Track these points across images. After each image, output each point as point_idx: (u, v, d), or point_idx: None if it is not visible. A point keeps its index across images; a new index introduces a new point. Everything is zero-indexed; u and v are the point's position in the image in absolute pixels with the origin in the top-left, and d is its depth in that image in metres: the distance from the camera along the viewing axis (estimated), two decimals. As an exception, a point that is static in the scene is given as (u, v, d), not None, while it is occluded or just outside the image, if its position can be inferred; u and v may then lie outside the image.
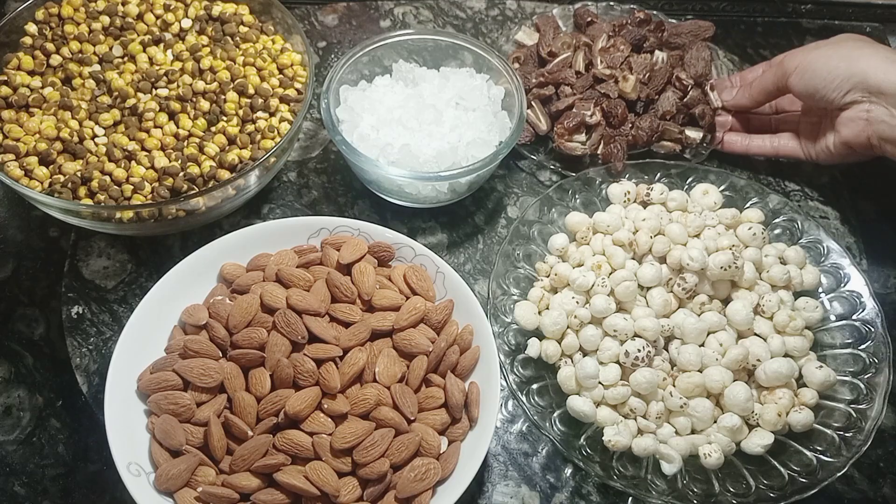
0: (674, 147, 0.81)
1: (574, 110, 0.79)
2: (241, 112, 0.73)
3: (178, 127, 0.71)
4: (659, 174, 0.76)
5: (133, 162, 0.69)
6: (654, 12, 0.90)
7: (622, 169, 0.76)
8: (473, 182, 0.75)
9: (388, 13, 0.94)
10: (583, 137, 0.79)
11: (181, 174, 0.68)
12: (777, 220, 0.74)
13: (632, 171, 0.77)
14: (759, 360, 0.64)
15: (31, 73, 0.73)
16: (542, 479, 0.64)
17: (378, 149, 0.72)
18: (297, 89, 0.76)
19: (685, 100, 0.81)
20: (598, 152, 0.79)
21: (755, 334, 0.66)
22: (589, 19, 0.89)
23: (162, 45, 0.76)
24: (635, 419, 0.63)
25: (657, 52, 0.84)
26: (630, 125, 0.80)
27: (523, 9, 0.95)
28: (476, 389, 0.60)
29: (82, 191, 0.67)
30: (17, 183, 0.65)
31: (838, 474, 0.60)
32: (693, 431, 0.63)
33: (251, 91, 0.74)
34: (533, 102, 0.81)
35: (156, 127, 0.71)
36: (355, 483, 0.56)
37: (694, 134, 0.81)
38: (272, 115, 0.74)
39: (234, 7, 0.80)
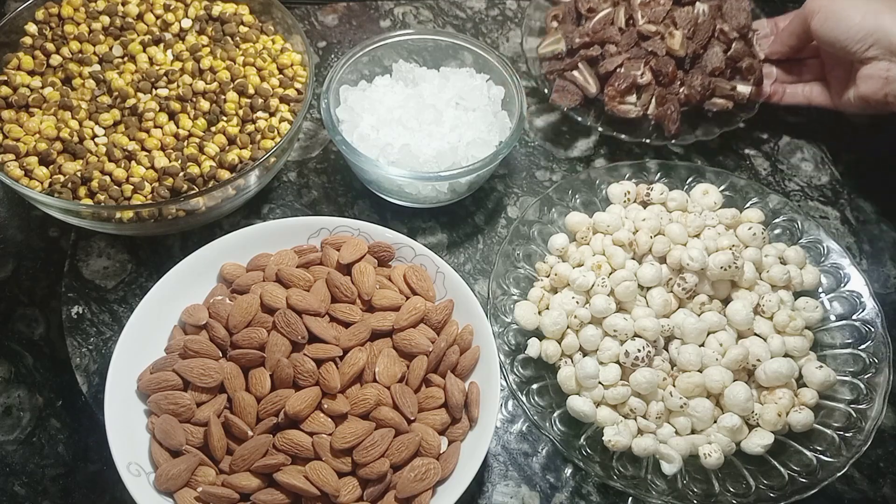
0: (726, 104, 0.78)
1: (623, 70, 0.77)
2: (241, 112, 0.73)
3: (178, 127, 0.71)
4: (659, 174, 0.77)
5: (133, 162, 0.69)
6: None
7: (676, 132, 0.76)
8: (473, 182, 0.75)
9: (388, 13, 0.94)
10: (634, 99, 0.78)
11: (181, 174, 0.68)
12: (777, 220, 0.74)
13: (630, 170, 0.76)
14: (759, 360, 0.64)
15: (31, 73, 0.73)
16: (542, 479, 0.64)
17: (378, 149, 0.72)
18: (297, 89, 0.76)
19: (729, 53, 0.79)
20: (650, 113, 0.78)
21: (755, 334, 0.66)
22: None
23: (162, 45, 0.76)
24: (635, 419, 0.63)
25: (698, 3, 0.81)
26: (679, 83, 0.78)
27: (523, 9, 0.95)
28: (476, 389, 0.60)
29: (82, 191, 0.67)
30: (17, 183, 0.65)
31: (838, 474, 0.60)
32: (693, 431, 0.63)
33: (251, 91, 0.74)
34: (580, 64, 0.78)
35: (156, 127, 0.71)
36: (355, 483, 0.56)
37: (744, 89, 0.79)
38: (272, 115, 0.74)
39: (234, 7, 0.80)
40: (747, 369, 0.65)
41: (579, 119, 0.79)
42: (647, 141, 0.79)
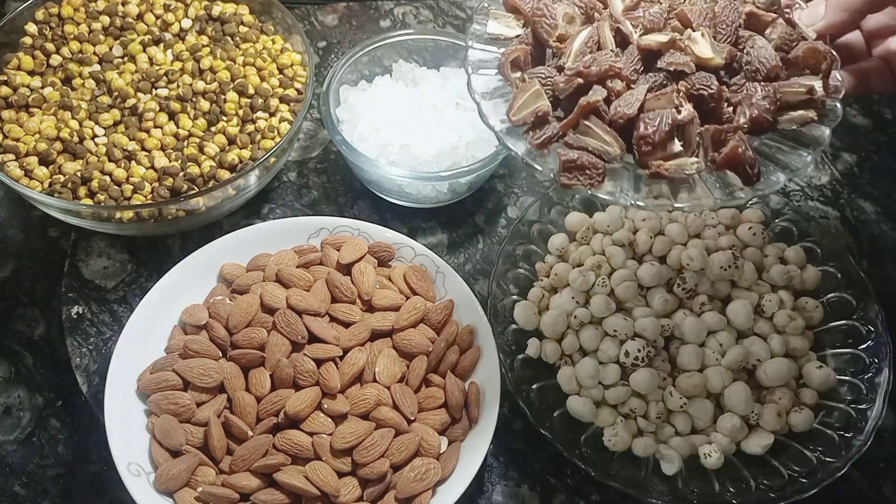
0: (808, 116, 0.53)
1: (650, 112, 0.51)
2: (241, 112, 0.73)
3: (178, 127, 0.71)
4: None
5: (133, 162, 0.69)
6: None
7: (758, 175, 0.51)
8: (473, 182, 0.75)
9: (388, 13, 0.94)
10: (678, 145, 0.52)
11: (181, 174, 0.68)
12: (777, 221, 0.74)
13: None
14: (759, 361, 0.64)
15: (31, 73, 0.73)
16: (542, 479, 0.64)
17: (378, 149, 0.72)
18: (297, 89, 0.76)
19: (774, 42, 0.55)
20: (711, 160, 0.52)
21: (755, 334, 0.66)
22: None
23: (162, 45, 0.76)
24: (635, 419, 0.63)
25: None
26: (728, 104, 0.53)
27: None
28: (476, 389, 0.60)
29: (82, 191, 0.67)
30: (17, 183, 0.65)
31: (838, 474, 0.60)
32: (693, 431, 0.63)
33: (251, 91, 0.74)
34: (587, 122, 0.52)
35: (156, 127, 0.71)
36: (355, 483, 0.56)
37: (818, 85, 0.53)
38: (272, 115, 0.74)
39: (234, 7, 0.80)
40: (747, 369, 0.65)
41: (611, 198, 0.52)
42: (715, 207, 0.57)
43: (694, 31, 0.54)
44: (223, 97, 0.73)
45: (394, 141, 0.73)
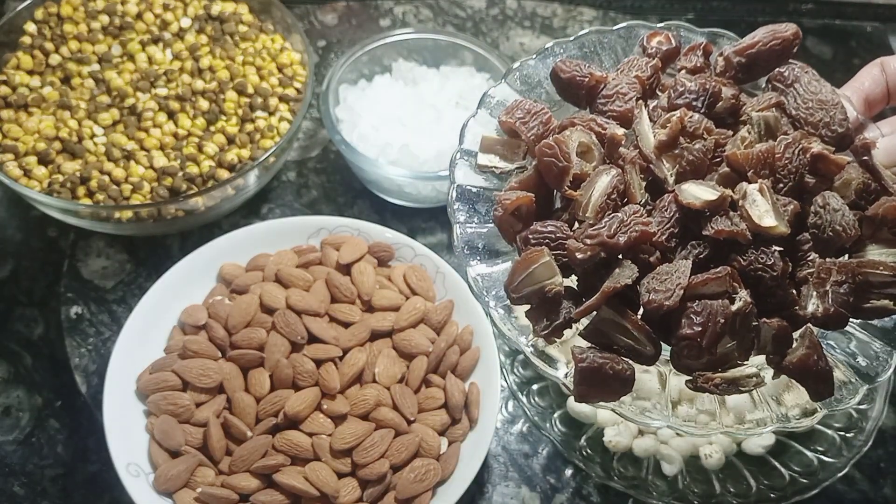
0: (890, 306, 0.41)
1: (695, 303, 0.39)
2: (240, 111, 0.73)
3: (177, 126, 0.71)
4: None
5: (132, 161, 0.69)
6: (676, 23, 0.51)
7: (832, 386, 0.41)
8: (473, 182, 0.74)
9: (388, 12, 0.94)
10: (729, 344, 0.40)
11: (180, 174, 0.68)
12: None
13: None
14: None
15: (30, 73, 0.73)
16: (543, 479, 0.64)
17: (378, 148, 0.72)
18: (296, 88, 0.76)
19: (852, 198, 0.42)
20: (779, 365, 0.41)
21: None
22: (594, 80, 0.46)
23: (161, 44, 0.76)
24: (636, 419, 0.63)
25: (746, 105, 0.45)
26: (790, 279, 0.42)
27: (523, 8, 0.95)
28: (476, 390, 0.60)
29: (81, 190, 0.67)
30: (15, 183, 0.65)
31: (839, 475, 0.60)
32: (694, 432, 0.63)
33: (250, 90, 0.73)
34: (611, 309, 0.40)
35: (155, 126, 0.71)
36: (355, 484, 0.56)
37: None
38: (271, 114, 0.74)
39: (234, 6, 0.80)
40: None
41: (640, 418, 0.43)
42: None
43: (750, 182, 0.41)
44: (222, 96, 0.73)
45: (393, 141, 0.73)
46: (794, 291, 0.41)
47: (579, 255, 0.39)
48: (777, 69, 0.46)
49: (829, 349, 0.43)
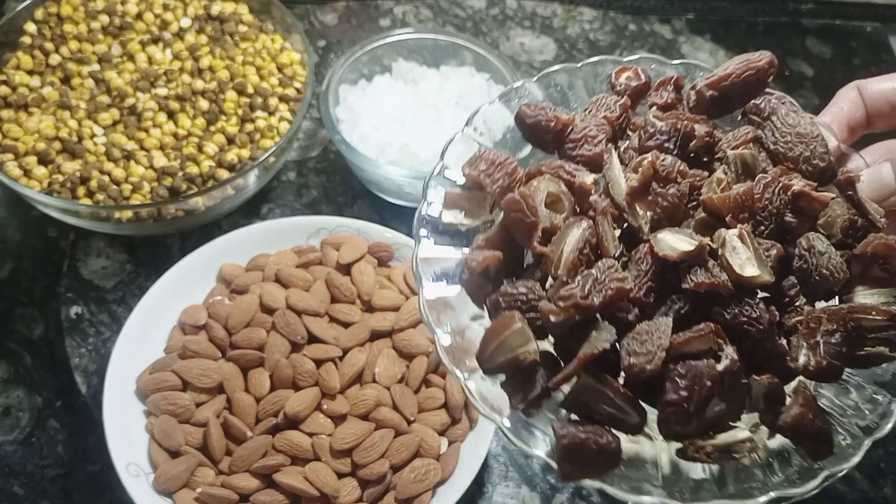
0: (888, 353, 0.39)
1: (678, 365, 0.37)
2: (240, 111, 0.73)
3: (177, 126, 0.71)
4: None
5: (132, 161, 0.69)
6: (646, 56, 0.48)
7: (831, 444, 0.42)
8: (473, 182, 0.74)
9: (388, 12, 0.94)
10: (718, 406, 0.38)
11: (180, 174, 0.68)
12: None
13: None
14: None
15: (30, 73, 0.73)
16: (543, 480, 0.64)
17: (378, 148, 0.72)
18: (296, 88, 0.76)
19: (836, 238, 0.40)
20: (773, 425, 0.40)
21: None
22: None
23: (161, 44, 0.76)
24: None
25: (728, 153, 0.41)
26: (781, 332, 0.39)
27: (523, 8, 0.95)
28: (476, 390, 0.60)
29: (81, 190, 0.67)
30: (15, 182, 0.65)
31: (839, 474, 0.60)
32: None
33: (250, 90, 0.73)
34: (589, 376, 0.37)
35: (155, 126, 0.71)
36: (355, 484, 0.56)
37: None
38: (271, 114, 0.74)
39: (234, 6, 0.80)
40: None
41: (629, 496, 0.42)
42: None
43: (728, 228, 0.38)
44: (222, 96, 0.73)
45: (393, 140, 0.73)
46: (784, 340, 0.39)
47: (553, 318, 0.36)
48: (752, 101, 0.43)
49: (825, 402, 0.42)
